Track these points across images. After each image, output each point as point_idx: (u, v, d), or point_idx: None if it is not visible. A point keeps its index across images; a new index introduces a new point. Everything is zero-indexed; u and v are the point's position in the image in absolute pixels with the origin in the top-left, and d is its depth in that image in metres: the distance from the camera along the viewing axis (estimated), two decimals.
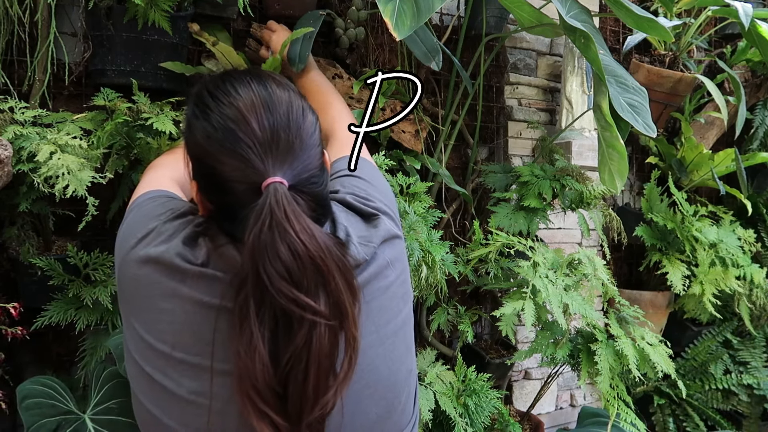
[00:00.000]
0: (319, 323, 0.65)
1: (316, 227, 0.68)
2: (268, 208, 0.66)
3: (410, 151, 1.89)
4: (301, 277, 0.65)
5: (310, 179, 0.73)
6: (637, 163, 2.73)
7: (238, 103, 0.72)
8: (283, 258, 0.64)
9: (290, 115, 0.73)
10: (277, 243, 0.64)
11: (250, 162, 0.69)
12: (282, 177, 0.69)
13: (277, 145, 0.71)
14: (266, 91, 0.74)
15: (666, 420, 2.51)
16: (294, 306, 0.64)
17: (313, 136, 0.75)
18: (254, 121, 0.70)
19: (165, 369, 0.72)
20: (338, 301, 0.67)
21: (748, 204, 2.33)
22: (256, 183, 0.69)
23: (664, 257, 2.30)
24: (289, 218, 0.66)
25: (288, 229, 0.65)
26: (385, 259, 0.83)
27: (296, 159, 0.72)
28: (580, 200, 1.99)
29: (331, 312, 0.66)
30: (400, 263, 0.87)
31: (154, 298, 0.74)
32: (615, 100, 1.46)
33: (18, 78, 1.47)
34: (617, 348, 1.65)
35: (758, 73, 2.69)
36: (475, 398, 1.68)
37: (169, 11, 1.41)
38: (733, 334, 2.63)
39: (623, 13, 1.51)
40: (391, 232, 0.86)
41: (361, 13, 1.80)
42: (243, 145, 0.70)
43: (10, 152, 1.19)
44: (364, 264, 0.80)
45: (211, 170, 0.72)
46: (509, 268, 1.82)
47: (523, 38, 2.27)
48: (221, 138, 0.70)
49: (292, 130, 0.72)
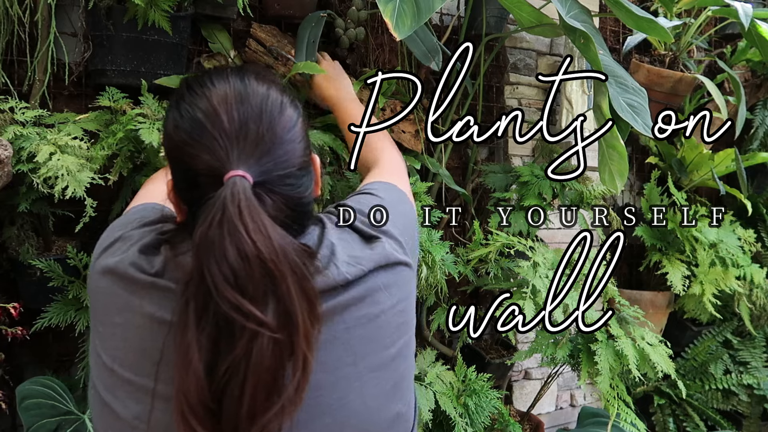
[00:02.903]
0: (261, 334, 0.58)
1: (274, 228, 0.61)
2: (220, 203, 0.60)
3: (410, 151, 1.90)
4: (247, 282, 0.58)
5: (283, 179, 0.67)
6: (637, 163, 2.73)
7: (210, 94, 0.67)
8: (230, 259, 0.58)
9: (263, 107, 0.68)
10: (225, 242, 0.58)
11: (215, 153, 0.64)
12: (246, 171, 0.64)
13: (245, 137, 0.65)
14: (242, 83, 0.69)
15: (666, 420, 2.51)
16: (236, 313, 0.57)
17: (291, 133, 0.69)
18: (223, 112, 0.66)
19: (114, 389, 0.67)
20: (289, 313, 0.60)
21: (748, 204, 2.33)
22: (219, 176, 0.64)
23: (664, 257, 2.30)
24: (243, 215, 0.59)
25: (239, 227, 0.59)
26: (378, 284, 0.74)
27: (267, 154, 0.66)
28: (580, 200, 2.00)
29: (279, 323, 0.59)
30: (400, 291, 0.78)
31: (110, 312, 0.69)
32: (615, 100, 1.46)
33: (18, 78, 1.47)
34: (617, 348, 1.65)
35: (758, 73, 2.69)
36: (475, 398, 1.69)
37: (169, 11, 1.41)
38: (733, 334, 2.63)
39: (623, 14, 1.51)
40: (392, 258, 0.78)
41: (361, 13, 1.80)
42: (208, 136, 0.65)
43: (10, 152, 1.19)
44: (347, 285, 0.71)
45: (180, 164, 0.68)
46: (509, 268, 1.83)
47: (523, 38, 2.27)
48: (188, 128, 0.66)
49: (264, 123, 0.67)
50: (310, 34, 1.61)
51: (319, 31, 1.62)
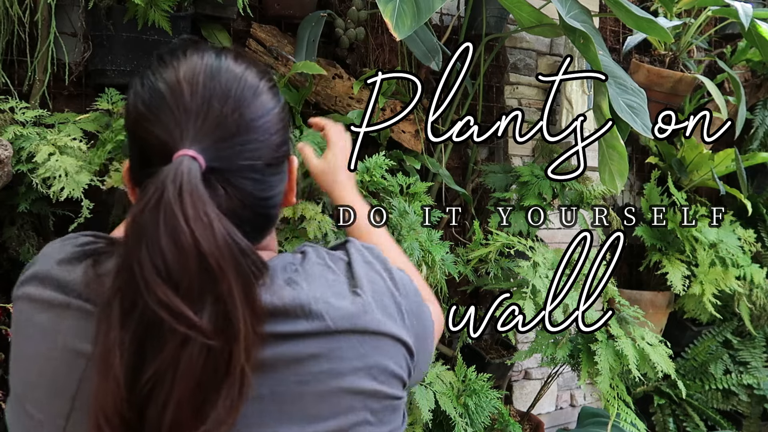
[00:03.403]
0: (193, 339, 0.50)
1: (218, 218, 0.53)
2: (160, 183, 0.52)
3: (410, 151, 1.90)
4: (181, 277, 0.50)
5: (245, 171, 0.59)
6: (637, 163, 2.73)
7: (179, 65, 0.60)
8: (163, 249, 0.50)
9: (234, 87, 0.60)
10: (159, 228, 0.51)
11: (168, 128, 0.57)
12: (199, 152, 0.55)
13: (206, 116, 0.57)
14: (216, 59, 0.62)
15: (666, 420, 2.51)
16: (165, 312, 0.50)
17: (262, 120, 0.61)
18: (187, 86, 0.58)
19: (16, 425, 0.59)
20: (228, 317, 0.52)
21: (748, 204, 2.33)
22: (169, 154, 0.56)
23: (664, 257, 2.30)
24: (183, 200, 0.51)
25: (176, 213, 0.51)
26: (342, 345, 0.60)
27: (228, 138, 0.58)
28: (580, 200, 2.00)
29: (215, 328, 0.51)
30: (380, 370, 0.62)
31: (21, 338, 0.61)
32: (614, 101, 1.47)
33: (18, 78, 1.47)
34: (617, 348, 1.65)
35: (758, 73, 2.70)
36: (475, 398, 1.69)
37: (169, 11, 1.41)
38: (733, 334, 2.63)
39: (623, 14, 1.51)
40: (380, 327, 0.62)
41: (361, 13, 1.80)
42: (166, 109, 0.58)
43: (10, 152, 1.19)
44: (300, 333, 0.58)
45: (135, 139, 0.61)
46: (509, 268, 1.83)
47: (523, 38, 2.27)
48: (148, 99, 0.59)
49: (231, 103, 0.59)
50: (310, 34, 1.61)
51: (319, 31, 1.62)
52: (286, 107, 0.66)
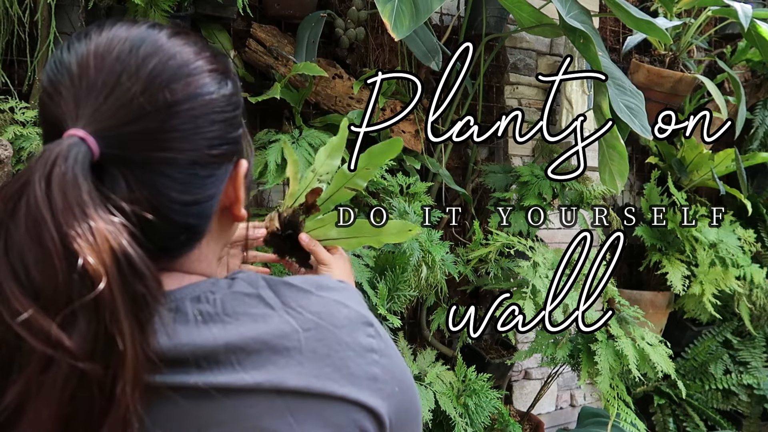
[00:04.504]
0: (57, 362, 0.39)
1: (102, 216, 0.42)
2: (29, 167, 0.43)
3: (410, 151, 1.90)
4: (44, 284, 0.40)
5: (159, 165, 0.48)
6: (637, 163, 2.73)
7: (99, 38, 0.50)
8: (23, 247, 0.41)
9: (155, 60, 0.49)
10: (19, 220, 0.41)
11: (64, 102, 0.47)
12: (92, 134, 0.45)
13: (110, 93, 0.47)
14: (145, 32, 0.50)
15: (666, 420, 2.51)
16: (23, 327, 0.39)
17: (190, 105, 0.49)
18: (96, 60, 0.48)
19: None
20: (109, 337, 0.41)
21: (748, 204, 2.33)
22: (59, 133, 0.46)
23: (664, 257, 2.30)
24: (51, 187, 0.41)
25: (40, 202, 0.41)
26: (261, 409, 0.46)
27: (135, 121, 0.47)
28: (580, 200, 2.00)
29: (89, 349, 0.40)
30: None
31: None
32: (613, 102, 1.47)
33: (18, 78, 1.47)
34: (617, 348, 1.65)
35: (758, 73, 2.70)
36: (475, 398, 1.69)
37: (169, 11, 1.42)
38: (733, 334, 2.63)
39: (622, 14, 1.51)
40: (324, 387, 0.47)
41: (361, 13, 1.80)
42: (67, 82, 0.48)
43: (10, 152, 1.19)
44: (203, 388, 0.45)
45: (40, 118, 0.51)
46: (509, 268, 1.83)
47: (523, 38, 2.27)
48: (53, 72, 0.49)
49: (144, 80, 0.47)
50: (310, 34, 1.61)
51: (319, 31, 1.62)
52: (236, 98, 0.54)
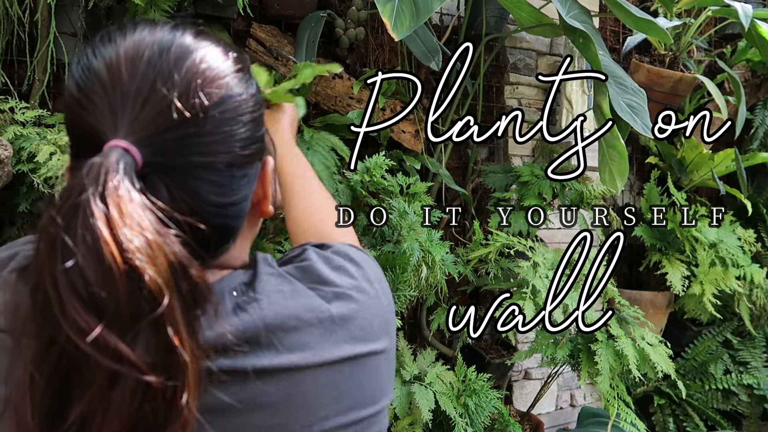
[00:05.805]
0: (124, 376, 0.40)
1: (158, 227, 0.43)
2: (80, 181, 0.42)
3: (410, 151, 1.90)
4: (107, 299, 0.40)
5: (198, 170, 0.48)
6: (637, 163, 2.73)
7: (124, 41, 0.49)
8: (83, 264, 0.40)
9: (186, 66, 0.48)
10: (76, 237, 0.40)
11: (99, 113, 0.47)
12: (134, 144, 0.45)
13: (146, 100, 0.46)
14: (170, 34, 0.50)
15: (666, 420, 2.51)
16: (87, 344, 0.39)
17: (222, 107, 0.49)
18: (128, 64, 0.48)
19: None
20: (171, 348, 0.41)
21: (748, 204, 2.33)
22: (99, 145, 0.46)
23: (664, 257, 2.30)
24: (107, 201, 0.41)
25: (97, 218, 0.41)
26: (307, 387, 0.50)
27: (174, 128, 0.47)
28: (580, 200, 2.00)
29: (153, 362, 0.41)
30: (361, 404, 0.53)
31: None
32: (614, 100, 1.47)
33: (18, 78, 1.47)
34: (617, 348, 1.65)
35: (758, 73, 2.70)
36: (475, 398, 1.69)
37: (169, 11, 1.41)
38: (733, 334, 2.63)
39: (623, 14, 1.51)
40: (356, 349, 0.53)
41: (361, 13, 1.80)
42: (99, 90, 0.47)
43: (10, 152, 1.19)
44: (250, 371, 0.48)
45: (68, 130, 0.51)
46: (509, 268, 1.83)
47: (523, 38, 2.27)
48: (81, 80, 0.48)
49: (180, 86, 0.47)
50: (310, 34, 1.61)
51: (319, 31, 1.62)
52: (259, 96, 0.55)
